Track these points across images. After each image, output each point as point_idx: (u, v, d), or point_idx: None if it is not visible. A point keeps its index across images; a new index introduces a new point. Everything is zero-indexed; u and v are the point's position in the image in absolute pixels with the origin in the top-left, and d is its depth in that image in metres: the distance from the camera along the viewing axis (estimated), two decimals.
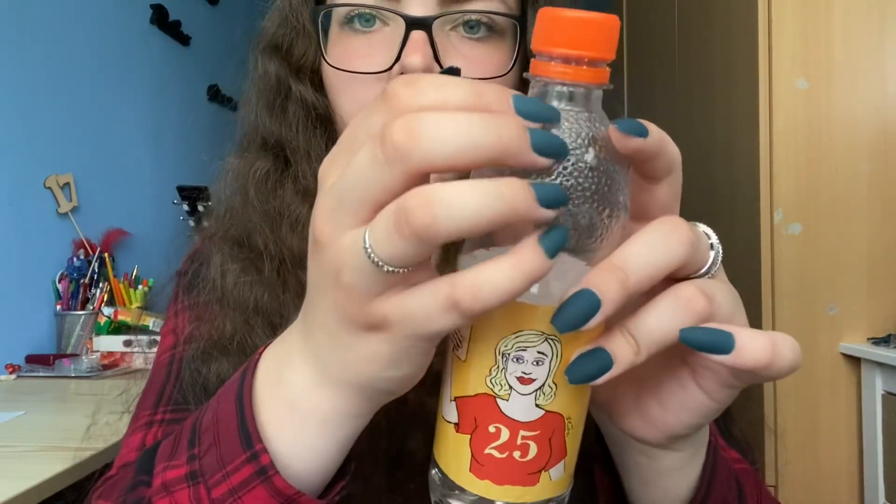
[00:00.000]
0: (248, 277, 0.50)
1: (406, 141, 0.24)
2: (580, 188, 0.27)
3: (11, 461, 0.98)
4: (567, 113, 0.27)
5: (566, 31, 0.27)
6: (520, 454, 0.30)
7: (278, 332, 0.48)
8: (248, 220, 0.51)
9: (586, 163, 0.27)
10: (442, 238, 0.24)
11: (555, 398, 0.29)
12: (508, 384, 0.29)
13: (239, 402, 0.33)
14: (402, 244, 0.24)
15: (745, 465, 0.42)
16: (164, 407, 0.50)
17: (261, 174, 0.52)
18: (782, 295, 1.39)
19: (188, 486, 0.33)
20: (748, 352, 0.28)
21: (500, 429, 0.29)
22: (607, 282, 0.26)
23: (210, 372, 0.49)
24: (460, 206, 0.24)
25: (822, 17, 1.40)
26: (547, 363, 0.29)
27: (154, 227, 2.16)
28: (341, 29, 0.48)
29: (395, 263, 0.25)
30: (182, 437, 0.36)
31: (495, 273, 0.25)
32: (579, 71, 0.27)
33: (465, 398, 0.30)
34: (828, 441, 1.39)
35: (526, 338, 0.28)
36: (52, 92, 1.83)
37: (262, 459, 0.32)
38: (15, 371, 1.59)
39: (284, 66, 0.52)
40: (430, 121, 0.24)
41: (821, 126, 1.40)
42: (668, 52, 1.97)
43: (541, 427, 0.30)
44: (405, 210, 0.24)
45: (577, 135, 0.27)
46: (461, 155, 0.24)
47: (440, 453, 0.32)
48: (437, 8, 0.45)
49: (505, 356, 0.29)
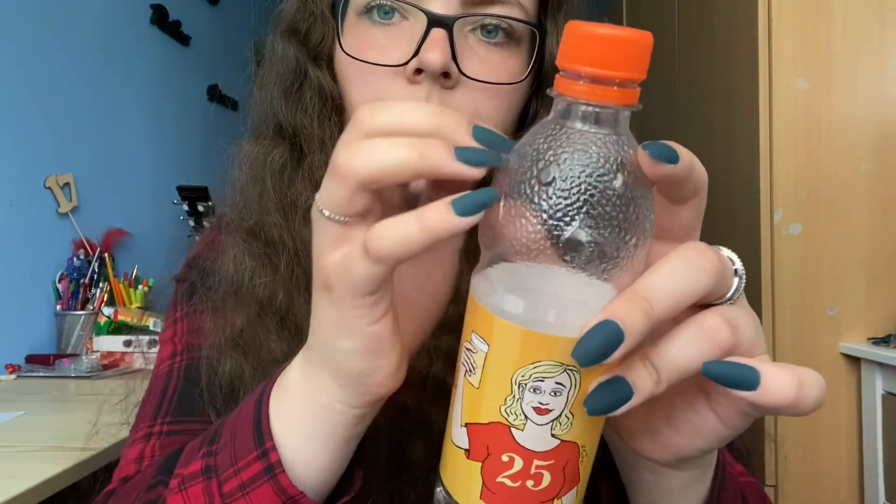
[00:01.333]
0: (261, 270, 0.50)
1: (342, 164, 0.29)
2: (608, 216, 0.25)
3: (11, 461, 0.98)
4: (595, 136, 0.26)
5: (596, 49, 0.25)
6: (533, 483, 0.29)
7: (290, 330, 0.48)
8: (263, 211, 0.51)
9: (615, 190, 0.25)
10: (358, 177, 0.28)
11: (571, 428, 0.28)
12: (524, 414, 0.28)
13: (258, 402, 0.35)
14: (329, 184, 0.29)
15: (750, 479, 0.42)
16: (163, 419, 0.50)
17: (277, 164, 0.51)
18: (782, 295, 1.39)
19: (203, 480, 0.34)
20: (774, 389, 0.27)
21: (513, 458, 0.29)
22: (631, 312, 0.25)
23: (223, 368, 0.49)
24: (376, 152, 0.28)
25: (822, 17, 1.40)
26: (565, 394, 0.28)
27: (154, 227, 2.16)
28: (358, 18, 0.48)
29: (329, 208, 0.29)
30: (206, 438, 0.37)
31: (398, 222, 0.27)
32: (608, 91, 0.26)
33: (477, 425, 0.29)
34: (828, 441, 1.39)
35: (544, 368, 0.27)
36: (52, 92, 1.83)
37: (271, 457, 0.33)
38: (15, 371, 1.59)
39: (303, 50, 0.51)
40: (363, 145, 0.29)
41: (821, 126, 1.40)
42: (668, 53, 1.97)
43: (556, 457, 0.29)
44: (333, 155, 0.29)
45: (606, 160, 0.26)
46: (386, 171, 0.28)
47: (448, 475, 0.31)
48: (460, 8, 0.45)
49: (521, 386, 0.28)
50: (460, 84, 0.45)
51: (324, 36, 0.51)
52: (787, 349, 1.39)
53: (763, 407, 0.27)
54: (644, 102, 0.27)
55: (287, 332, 0.49)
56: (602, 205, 0.25)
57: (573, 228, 0.25)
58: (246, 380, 0.48)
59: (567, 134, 0.26)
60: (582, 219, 0.25)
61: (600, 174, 0.25)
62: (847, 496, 1.39)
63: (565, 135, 0.26)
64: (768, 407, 0.27)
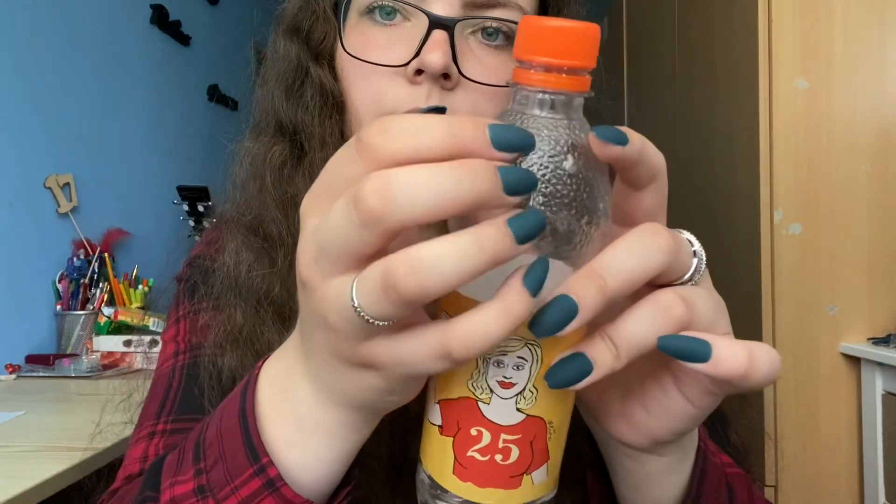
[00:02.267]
0: (259, 263, 0.50)
1: (380, 206, 0.24)
2: (559, 195, 0.27)
3: (11, 461, 0.98)
4: (547, 121, 0.28)
5: (547, 40, 0.27)
6: (501, 457, 0.30)
7: (287, 323, 0.48)
8: (262, 207, 0.51)
9: (564, 170, 0.27)
10: (430, 298, 0.24)
11: (536, 402, 0.29)
12: (489, 388, 0.29)
13: (242, 417, 0.34)
14: (391, 307, 0.24)
15: (737, 470, 0.42)
16: (167, 417, 0.50)
17: (277, 161, 0.52)
18: (782, 295, 1.39)
19: (197, 500, 0.34)
20: (724, 361, 0.28)
21: (481, 432, 0.30)
22: (585, 287, 0.26)
23: (223, 364, 0.49)
24: (446, 266, 0.24)
25: (822, 17, 1.40)
26: (527, 368, 0.29)
27: (154, 227, 2.16)
28: (360, 18, 0.48)
29: (384, 320, 0.25)
30: (187, 452, 0.36)
31: (485, 322, 0.25)
32: (560, 79, 0.27)
33: (448, 401, 0.30)
34: (828, 441, 1.39)
35: (506, 343, 0.28)
36: (52, 92, 1.83)
37: (269, 472, 0.32)
38: (15, 371, 1.59)
39: (304, 48, 0.52)
40: (402, 182, 0.24)
41: (821, 126, 1.40)
42: (668, 52, 1.97)
43: (522, 431, 0.30)
44: (392, 275, 0.24)
45: (556, 142, 0.27)
46: (434, 212, 0.24)
47: (426, 454, 0.32)
48: (461, 10, 0.46)
49: (486, 361, 0.29)
50: (460, 85, 0.46)
51: (325, 35, 0.51)
52: (787, 349, 1.39)
53: (717, 379, 0.28)
54: (644, 102, 0.28)
55: (284, 324, 0.49)
56: (553, 184, 0.27)
57: (528, 207, 0.27)
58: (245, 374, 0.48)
59: (522, 120, 0.28)
60: (535, 198, 0.27)
61: (552, 155, 0.27)
62: (847, 496, 1.39)
63: (521, 121, 0.28)
64: (721, 378, 0.28)
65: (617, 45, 2.45)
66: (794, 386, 1.39)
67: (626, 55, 2.40)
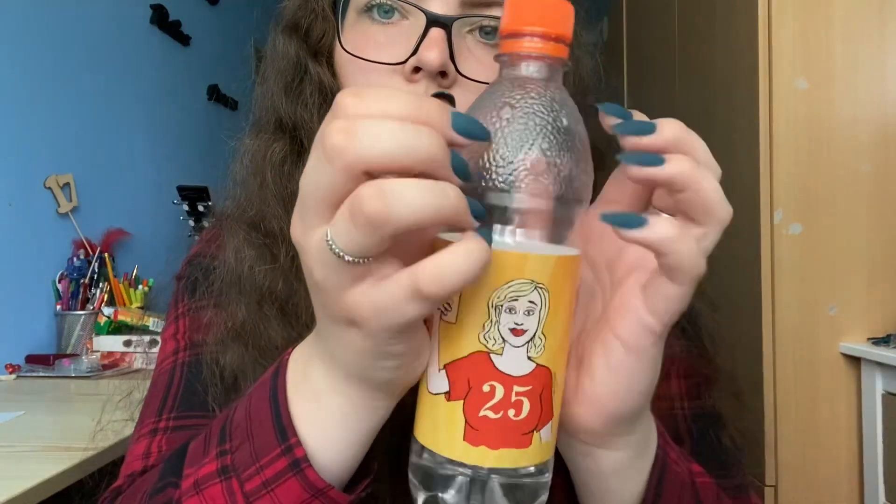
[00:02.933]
0: (261, 260, 0.51)
1: (341, 140, 0.26)
2: (557, 144, 0.30)
3: (11, 461, 0.98)
4: (539, 82, 0.31)
5: (534, 12, 0.31)
6: (514, 412, 0.30)
7: (290, 319, 0.49)
8: (263, 203, 0.52)
9: (562, 124, 0.30)
10: (393, 226, 0.26)
11: (544, 351, 0.31)
12: (502, 337, 0.30)
13: (273, 397, 0.34)
14: (358, 233, 0.26)
15: (706, 479, 0.41)
16: (168, 414, 0.51)
17: (277, 157, 0.52)
18: (782, 295, 1.39)
19: (221, 481, 0.34)
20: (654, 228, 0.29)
21: (494, 387, 0.30)
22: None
23: (226, 361, 0.49)
24: (410, 198, 0.26)
25: (822, 17, 1.40)
26: (537, 313, 0.30)
27: (154, 227, 2.16)
28: (359, 16, 0.48)
29: (354, 252, 0.27)
30: (212, 437, 0.37)
31: (456, 255, 0.27)
32: (548, 45, 0.31)
33: (456, 362, 0.31)
34: (828, 441, 1.39)
35: (517, 287, 0.30)
36: (52, 92, 1.83)
37: (296, 452, 0.33)
38: (15, 371, 1.59)
39: (303, 46, 0.52)
40: (365, 122, 0.27)
41: (821, 126, 1.40)
42: (668, 52, 1.97)
43: (533, 381, 0.31)
44: (359, 199, 0.26)
45: (552, 99, 0.31)
46: (392, 156, 0.26)
47: (425, 432, 0.32)
48: (459, 9, 0.46)
49: (497, 308, 0.30)
50: (457, 83, 0.46)
51: (324, 32, 0.52)
52: (787, 349, 1.39)
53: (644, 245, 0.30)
54: (644, 102, 0.29)
55: (287, 320, 0.49)
56: (552, 133, 0.30)
57: (534, 152, 0.30)
58: (247, 371, 0.48)
59: (511, 85, 0.31)
60: (540, 143, 0.30)
61: (540, 112, 0.30)
62: (847, 496, 1.39)
63: (509, 87, 0.31)
64: (646, 244, 0.29)
65: (617, 45, 2.45)
66: (794, 386, 1.39)
67: (626, 55, 2.40)
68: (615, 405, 0.33)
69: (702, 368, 0.55)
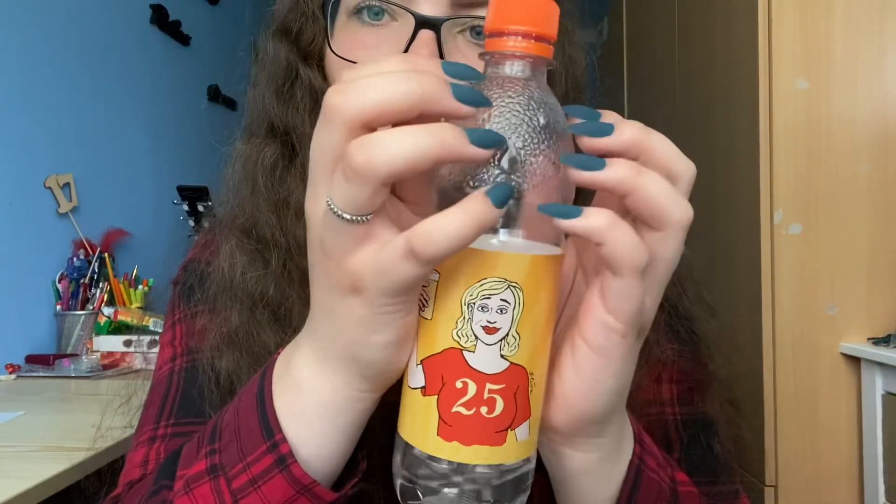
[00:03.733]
0: (253, 265, 0.51)
1: (335, 98, 0.28)
2: (534, 142, 0.30)
3: (11, 461, 0.98)
4: (520, 81, 0.31)
5: (517, 11, 0.31)
6: (487, 409, 0.30)
7: (282, 324, 0.49)
8: (255, 209, 0.52)
9: (539, 122, 0.30)
10: (379, 174, 0.27)
11: (518, 350, 0.30)
12: (474, 334, 0.30)
13: (260, 395, 0.35)
14: (349, 187, 0.27)
15: (692, 488, 0.41)
16: (167, 421, 0.51)
17: (269, 162, 0.52)
18: (782, 295, 1.39)
19: (209, 480, 0.34)
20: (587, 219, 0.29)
21: (466, 383, 0.30)
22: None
23: (221, 367, 0.49)
24: (394, 144, 0.27)
25: (822, 17, 1.40)
26: (510, 311, 0.30)
27: (154, 227, 2.17)
28: (349, 19, 0.48)
29: (350, 210, 0.28)
30: (204, 438, 0.37)
31: (446, 220, 0.27)
32: (530, 44, 0.31)
33: (431, 357, 0.31)
34: (828, 441, 1.39)
35: (490, 285, 0.30)
36: (52, 92, 1.83)
37: (281, 449, 0.33)
38: (15, 371, 1.59)
39: (294, 50, 0.52)
40: (358, 81, 0.28)
41: (821, 126, 1.40)
42: (668, 52, 1.97)
43: (506, 380, 0.30)
44: (347, 154, 0.27)
45: (531, 97, 0.31)
46: (387, 101, 0.27)
47: (405, 426, 0.32)
48: (448, 10, 0.46)
49: (470, 306, 0.30)
50: None
51: (315, 35, 0.52)
52: (787, 349, 1.39)
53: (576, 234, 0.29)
54: (644, 102, 0.28)
55: (280, 325, 0.49)
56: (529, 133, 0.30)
57: (508, 150, 0.30)
58: (243, 376, 0.48)
59: (495, 84, 0.31)
60: (514, 141, 0.30)
61: (524, 111, 0.30)
62: (847, 496, 1.39)
63: (493, 85, 0.31)
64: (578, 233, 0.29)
65: (617, 45, 2.45)
66: (793, 386, 1.39)
67: (626, 55, 2.39)
68: (581, 405, 0.33)
69: (695, 374, 0.55)
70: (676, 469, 0.41)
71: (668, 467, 0.40)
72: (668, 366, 0.53)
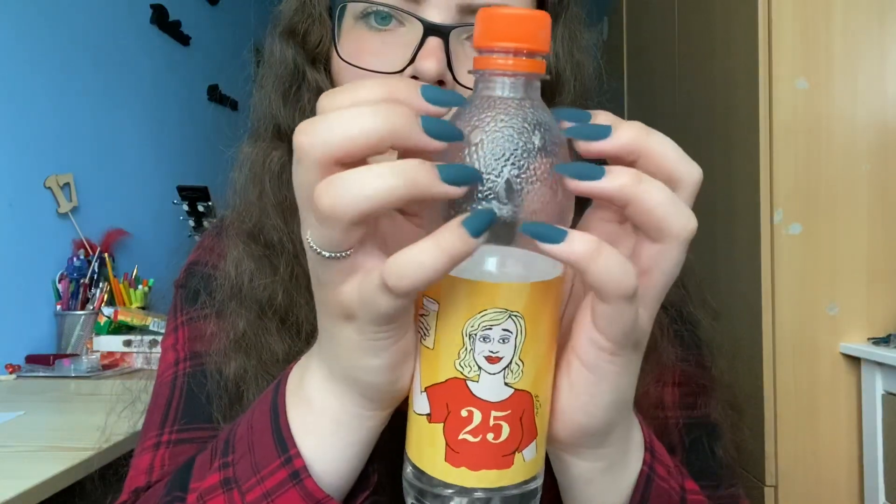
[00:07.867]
0: (261, 272, 0.50)
1: (302, 139, 0.27)
2: (529, 168, 0.29)
3: (11, 461, 0.98)
4: (509, 101, 0.30)
5: (505, 27, 0.29)
6: (493, 436, 0.30)
7: (291, 330, 0.49)
8: (262, 213, 0.51)
9: (534, 145, 0.29)
10: (347, 217, 0.26)
11: (522, 376, 0.30)
12: (477, 365, 0.30)
13: (273, 409, 0.35)
14: (321, 228, 0.27)
15: (700, 497, 0.40)
16: (171, 427, 0.50)
17: (276, 166, 0.51)
18: (782, 295, 1.39)
19: (223, 493, 0.34)
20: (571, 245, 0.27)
21: (472, 412, 0.30)
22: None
23: (228, 373, 0.49)
24: (358, 185, 0.26)
25: (822, 17, 1.40)
26: (512, 340, 0.29)
27: (154, 227, 2.17)
28: (356, 23, 0.48)
29: (326, 248, 0.28)
30: (217, 450, 0.37)
31: (418, 252, 0.26)
32: (519, 62, 0.29)
33: (435, 386, 0.31)
34: (828, 441, 1.39)
35: (491, 316, 0.29)
36: (52, 92, 1.83)
37: (295, 463, 0.33)
38: (15, 371, 1.59)
39: (301, 52, 0.52)
40: (326, 117, 0.27)
41: (821, 126, 1.40)
42: (668, 52, 1.97)
43: (511, 406, 0.30)
44: (315, 198, 0.27)
45: (524, 119, 0.29)
46: (353, 139, 0.26)
47: (413, 449, 0.32)
48: (456, 17, 0.46)
49: (472, 337, 0.29)
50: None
51: (322, 38, 0.51)
52: (787, 349, 1.39)
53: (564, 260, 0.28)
54: (644, 102, 0.28)
55: (288, 332, 0.49)
56: (525, 158, 0.29)
57: (502, 179, 0.28)
58: (250, 382, 0.48)
59: (486, 104, 0.30)
60: (509, 168, 0.28)
61: (518, 131, 0.29)
62: (847, 496, 1.39)
63: (485, 105, 0.30)
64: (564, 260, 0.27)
65: (617, 45, 2.45)
66: (794, 386, 1.39)
67: (626, 55, 2.39)
68: (579, 419, 0.32)
69: (698, 378, 0.54)
70: (686, 477, 0.41)
71: (679, 476, 0.40)
72: (671, 369, 0.53)
